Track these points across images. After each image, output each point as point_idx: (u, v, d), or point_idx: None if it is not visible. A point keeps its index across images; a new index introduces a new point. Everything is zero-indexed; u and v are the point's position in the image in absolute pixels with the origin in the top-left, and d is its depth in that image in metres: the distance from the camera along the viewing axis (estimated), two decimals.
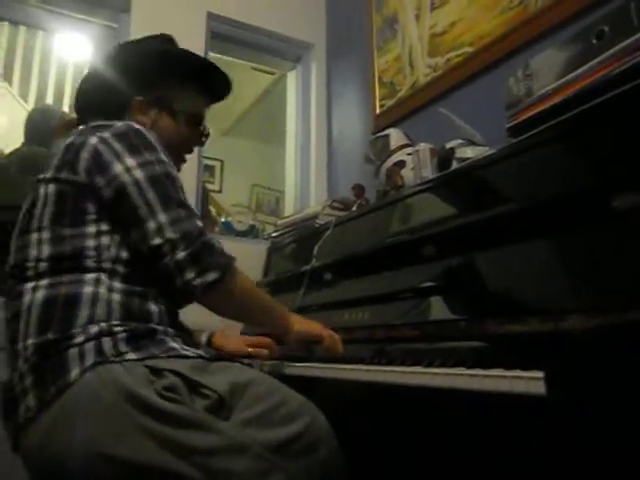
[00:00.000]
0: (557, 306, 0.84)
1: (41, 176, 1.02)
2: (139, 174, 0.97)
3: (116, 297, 0.93)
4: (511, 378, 0.71)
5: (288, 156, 2.92)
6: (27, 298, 0.92)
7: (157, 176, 0.98)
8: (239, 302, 1.05)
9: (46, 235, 0.95)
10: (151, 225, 0.95)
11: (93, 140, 1.00)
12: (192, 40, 2.37)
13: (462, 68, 1.92)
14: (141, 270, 0.97)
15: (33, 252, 0.95)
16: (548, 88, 1.08)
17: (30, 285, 0.93)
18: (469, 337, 0.96)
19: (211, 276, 0.95)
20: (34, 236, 0.96)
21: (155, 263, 0.95)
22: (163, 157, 1.02)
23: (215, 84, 1.29)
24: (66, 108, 3.08)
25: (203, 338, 1.34)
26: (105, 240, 0.96)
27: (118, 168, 0.97)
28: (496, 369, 0.75)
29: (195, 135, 1.25)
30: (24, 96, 3.30)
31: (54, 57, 3.42)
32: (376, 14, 2.47)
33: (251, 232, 2.59)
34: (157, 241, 0.94)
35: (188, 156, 1.27)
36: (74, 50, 3.25)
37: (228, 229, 2.52)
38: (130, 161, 0.97)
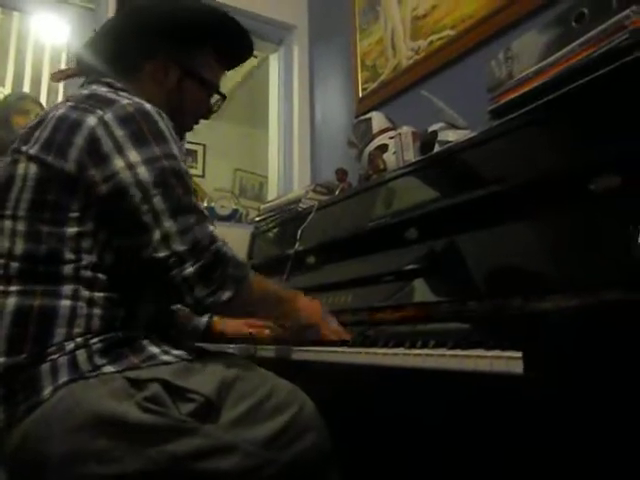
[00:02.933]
0: (537, 287, 0.86)
1: (23, 147, 0.90)
2: (144, 173, 0.85)
3: (97, 312, 0.85)
4: (491, 358, 0.72)
5: (271, 140, 2.90)
6: None
7: (164, 174, 0.86)
8: (252, 309, 1.01)
9: (21, 227, 0.86)
10: (156, 235, 0.84)
11: (91, 121, 0.87)
12: None
13: (444, 51, 1.92)
14: (128, 273, 0.89)
15: (5, 244, 0.86)
16: (529, 71, 1.09)
17: (0, 287, 0.85)
18: (451, 319, 0.97)
19: (225, 295, 0.86)
20: (7, 224, 0.87)
21: (157, 274, 0.86)
22: (174, 148, 0.90)
23: (240, 49, 1.17)
24: (44, 91, 3.02)
25: (203, 321, 1.30)
26: (86, 243, 0.87)
27: (119, 163, 0.85)
28: (476, 349, 0.76)
29: (207, 106, 1.15)
30: (1, 80, 3.23)
31: (31, 40, 3.35)
32: None
33: (234, 217, 2.57)
34: (163, 253, 0.83)
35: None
36: (51, 32, 3.18)
37: (211, 214, 2.50)
38: (134, 155, 0.85)
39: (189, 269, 0.83)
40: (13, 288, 0.84)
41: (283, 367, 1.02)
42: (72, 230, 0.86)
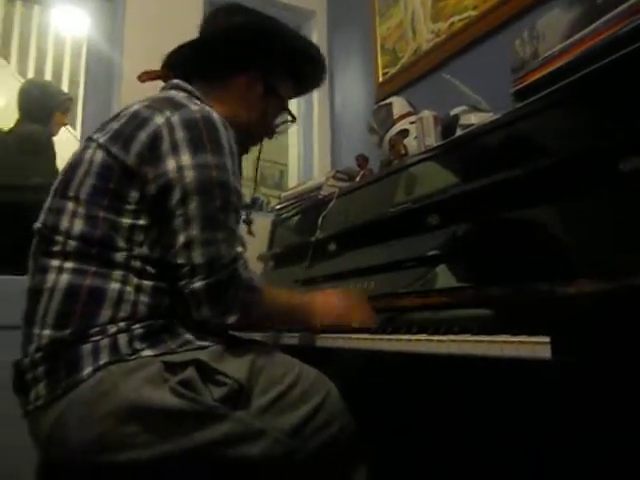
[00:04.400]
0: (564, 271, 0.84)
1: (95, 135, 0.95)
2: (190, 176, 0.86)
3: (144, 299, 0.87)
4: (517, 343, 0.71)
5: (291, 128, 2.88)
6: (50, 278, 0.87)
7: (210, 183, 0.88)
8: (260, 326, 1.04)
9: (82, 210, 0.89)
10: (180, 239, 0.85)
11: (159, 120, 0.90)
12: (191, 9, 2.33)
13: (466, 32, 1.88)
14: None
15: (65, 223, 0.89)
16: (554, 50, 1.06)
17: (56, 263, 0.88)
18: (475, 305, 0.95)
19: (230, 318, 0.87)
20: (70, 205, 0.90)
21: (172, 278, 0.87)
22: (228, 162, 0.91)
23: (318, 78, 1.23)
24: (65, 84, 3.05)
25: None
26: (139, 236, 0.89)
27: (170, 164, 0.87)
28: (502, 335, 0.75)
29: (275, 124, 1.20)
30: (22, 73, 3.26)
31: (52, 32, 3.38)
32: None
33: (255, 205, 2.58)
34: (180, 260, 0.85)
35: None
36: (72, 24, 3.20)
37: None
38: (185, 158, 0.87)
39: (198, 283, 0.84)
40: (68, 265, 0.87)
41: (307, 354, 1.02)
42: (127, 221, 0.89)
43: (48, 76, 3.28)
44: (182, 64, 1.10)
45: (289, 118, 1.22)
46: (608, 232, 0.83)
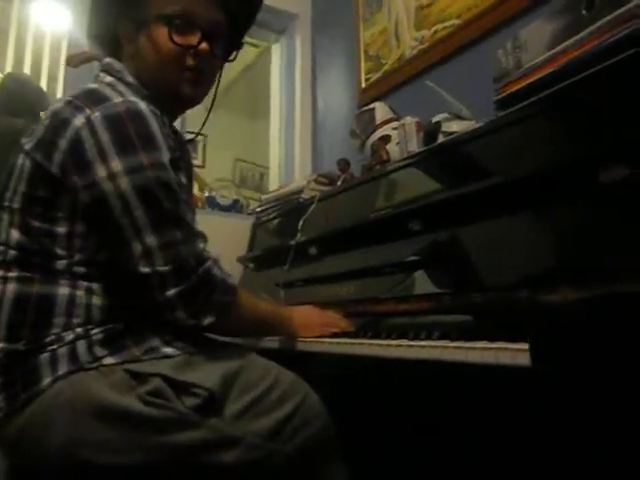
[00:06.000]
0: (543, 279, 0.85)
1: (24, 140, 0.89)
2: (125, 184, 0.81)
3: (97, 301, 0.83)
4: (496, 350, 0.71)
5: (272, 130, 2.88)
6: None
7: (149, 186, 0.82)
8: (239, 332, 1.02)
9: (17, 219, 0.85)
10: (137, 248, 0.81)
11: (78, 121, 0.83)
12: None
13: (449, 41, 1.90)
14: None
15: (2, 234, 0.87)
16: (537, 60, 1.07)
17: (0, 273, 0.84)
18: (455, 311, 0.96)
19: (207, 320, 0.85)
20: (5, 215, 0.87)
21: (139, 289, 0.83)
22: (163, 154, 0.84)
23: None
24: (44, 80, 3.00)
25: None
26: (77, 243, 0.84)
27: (100, 172, 0.81)
28: (482, 341, 0.75)
29: (186, 45, 0.95)
30: (1, 67, 3.20)
31: (31, 27, 3.32)
32: None
33: (235, 207, 2.56)
34: (144, 270, 0.81)
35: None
36: (52, 19, 3.14)
37: (212, 204, 2.49)
38: (116, 163, 0.81)
39: (171, 291, 0.82)
40: (12, 274, 0.84)
41: (286, 358, 1.01)
42: (63, 230, 0.85)
43: (27, 70, 3.23)
44: (100, 37, 1.02)
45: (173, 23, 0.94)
46: (588, 240, 0.84)
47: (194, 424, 0.78)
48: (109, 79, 0.94)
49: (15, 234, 0.85)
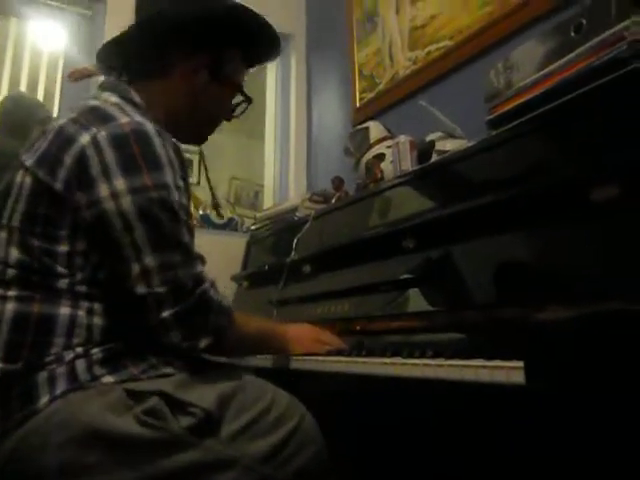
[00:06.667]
0: (536, 297, 0.85)
1: (24, 157, 0.88)
2: (127, 203, 0.81)
3: (98, 321, 0.83)
4: (491, 368, 0.71)
5: (267, 148, 2.90)
6: None
7: (151, 207, 0.82)
8: (234, 353, 1.02)
9: (16, 237, 0.85)
10: (135, 269, 0.81)
11: (84, 139, 0.83)
12: None
13: (442, 61, 1.93)
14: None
15: (1, 253, 0.85)
16: (527, 81, 1.09)
17: None
18: (449, 329, 0.96)
19: (202, 343, 0.85)
20: (3, 234, 0.86)
21: (135, 309, 0.83)
22: (167, 176, 0.85)
23: (266, 49, 1.15)
24: (40, 97, 3.02)
25: None
26: (78, 261, 0.84)
27: (103, 191, 0.81)
28: (476, 360, 0.75)
29: (230, 107, 1.12)
30: None
31: (28, 45, 3.35)
32: (356, 6, 2.45)
33: (230, 225, 2.56)
34: (141, 290, 0.81)
35: None
36: (48, 38, 3.17)
37: (206, 222, 2.49)
38: (120, 183, 0.81)
39: (166, 312, 0.81)
40: (11, 293, 0.83)
41: (281, 376, 1.01)
42: (64, 248, 0.84)
43: (23, 88, 3.25)
44: (117, 58, 1.03)
45: (242, 99, 1.12)
46: (581, 259, 0.85)
47: (190, 445, 0.77)
48: (115, 99, 0.94)
49: (14, 252, 0.84)
